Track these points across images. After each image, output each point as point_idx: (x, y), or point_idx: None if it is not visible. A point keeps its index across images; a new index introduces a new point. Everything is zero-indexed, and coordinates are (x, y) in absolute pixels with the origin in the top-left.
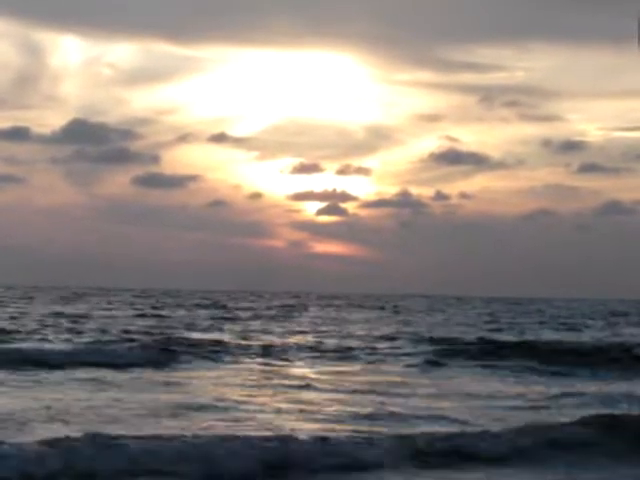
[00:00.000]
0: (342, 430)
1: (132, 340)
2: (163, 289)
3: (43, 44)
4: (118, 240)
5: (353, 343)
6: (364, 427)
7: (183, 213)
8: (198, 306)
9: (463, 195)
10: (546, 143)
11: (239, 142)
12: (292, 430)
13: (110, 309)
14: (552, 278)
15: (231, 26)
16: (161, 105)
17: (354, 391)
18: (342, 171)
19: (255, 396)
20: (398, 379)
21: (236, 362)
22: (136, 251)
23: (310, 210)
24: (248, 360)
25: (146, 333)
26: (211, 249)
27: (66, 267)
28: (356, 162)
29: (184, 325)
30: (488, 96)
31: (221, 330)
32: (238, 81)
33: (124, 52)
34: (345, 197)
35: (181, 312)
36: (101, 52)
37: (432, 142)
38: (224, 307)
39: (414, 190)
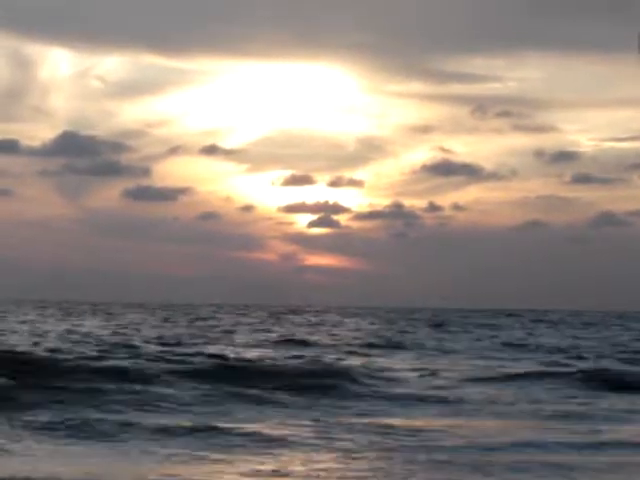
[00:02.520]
0: None
1: None
2: (154, 302)
3: (32, 57)
4: (108, 253)
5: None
6: None
7: (174, 226)
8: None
9: (456, 206)
10: (539, 154)
11: (230, 154)
12: None
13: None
14: (545, 289)
15: (221, 38)
16: (151, 117)
17: None
18: (334, 183)
19: None
20: None
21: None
22: (126, 264)
23: (302, 222)
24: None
25: None
26: (202, 262)
27: (55, 280)
28: (348, 174)
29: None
30: (480, 107)
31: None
32: (229, 93)
33: (113, 64)
34: (337, 209)
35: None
36: (90, 65)
37: (424, 153)
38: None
39: (406, 202)
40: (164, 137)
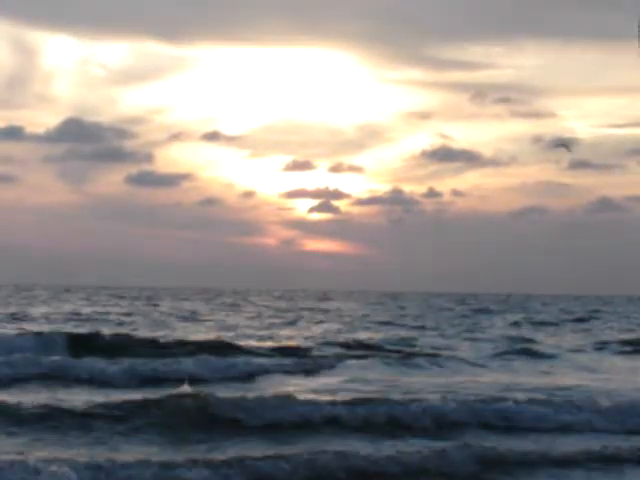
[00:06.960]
0: None
1: None
2: (156, 287)
3: (35, 44)
4: (111, 238)
5: None
6: None
7: (176, 211)
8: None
9: (455, 192)
10: (537, 140)
11: (232, 140)
12: None
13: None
14: (543, 274)
15: (222, 24)
16: (154, 104)
17: None
18: (334, 169)
19: None
20: None
21: None
22: (129, 249)
23: (302, 208)
24: None
25: None
26: (203, 247)
27: (59, 265)
28: (348, 160)
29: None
30: (479, 93)
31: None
32: (230, 79)
33: (115, 51)
34: (337, 195)
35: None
36: (93, 52)
37: (424, 139)
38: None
39: (406, 187)
40: (166, 123)
